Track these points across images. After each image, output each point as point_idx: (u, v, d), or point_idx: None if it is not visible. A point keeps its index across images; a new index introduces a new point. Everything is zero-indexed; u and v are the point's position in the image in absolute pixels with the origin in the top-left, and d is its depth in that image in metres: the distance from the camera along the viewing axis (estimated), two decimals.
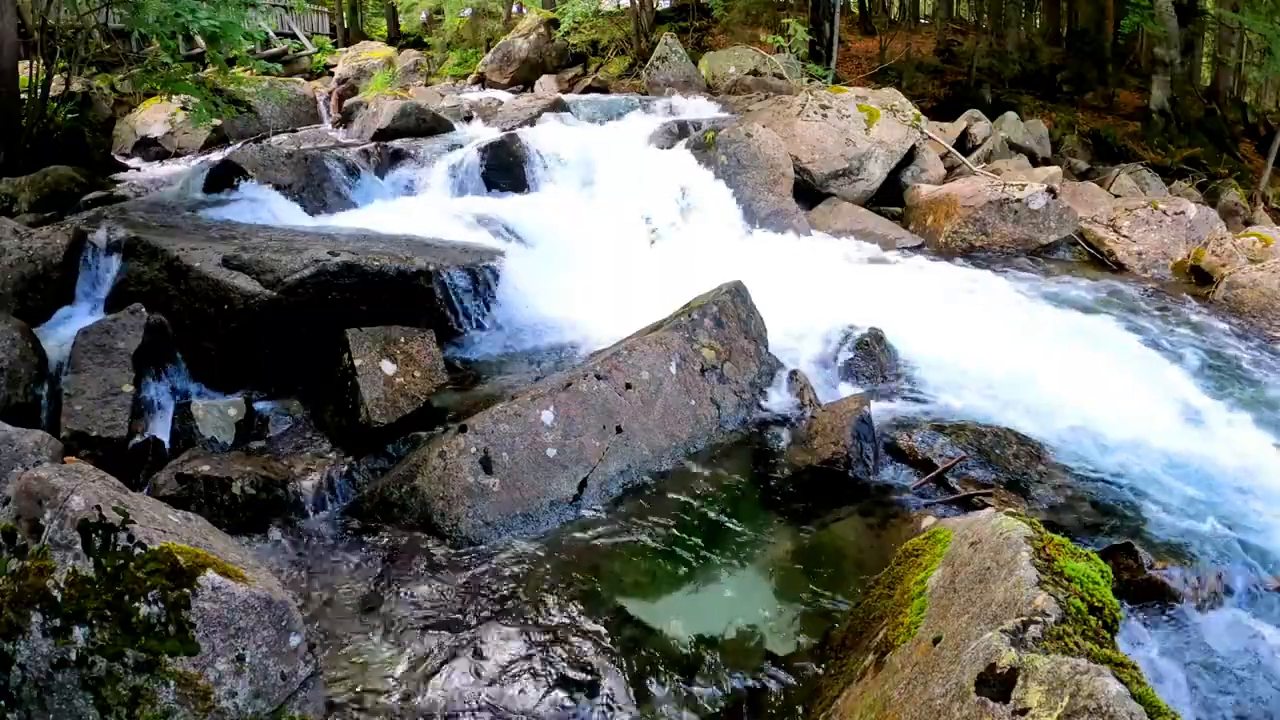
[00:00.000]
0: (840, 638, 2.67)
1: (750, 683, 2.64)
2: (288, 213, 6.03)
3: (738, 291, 4.55)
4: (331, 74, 15.36)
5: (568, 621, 2.86)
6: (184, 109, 9.68)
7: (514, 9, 18.18)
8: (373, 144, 7.69)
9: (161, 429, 3.91)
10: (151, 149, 10.12)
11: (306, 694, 2.26)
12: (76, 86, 8.11)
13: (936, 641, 2.08)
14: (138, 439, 3.78)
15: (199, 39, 8.54)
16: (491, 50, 14.90)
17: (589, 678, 2.63)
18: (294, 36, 17.81)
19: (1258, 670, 2.74)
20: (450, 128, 8.73)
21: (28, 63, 7.46)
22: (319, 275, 4.31)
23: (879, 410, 4.15)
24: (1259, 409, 4.69)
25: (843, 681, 2.39)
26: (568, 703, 2.54)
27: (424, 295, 4.58)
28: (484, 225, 5.94)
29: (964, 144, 10.31)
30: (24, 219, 5.44)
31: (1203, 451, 4.04)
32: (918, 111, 9.53)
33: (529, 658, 2.70)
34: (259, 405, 4.12)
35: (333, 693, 2.49)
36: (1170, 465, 3.91)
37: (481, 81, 14.36)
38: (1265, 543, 3.39)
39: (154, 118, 10.40)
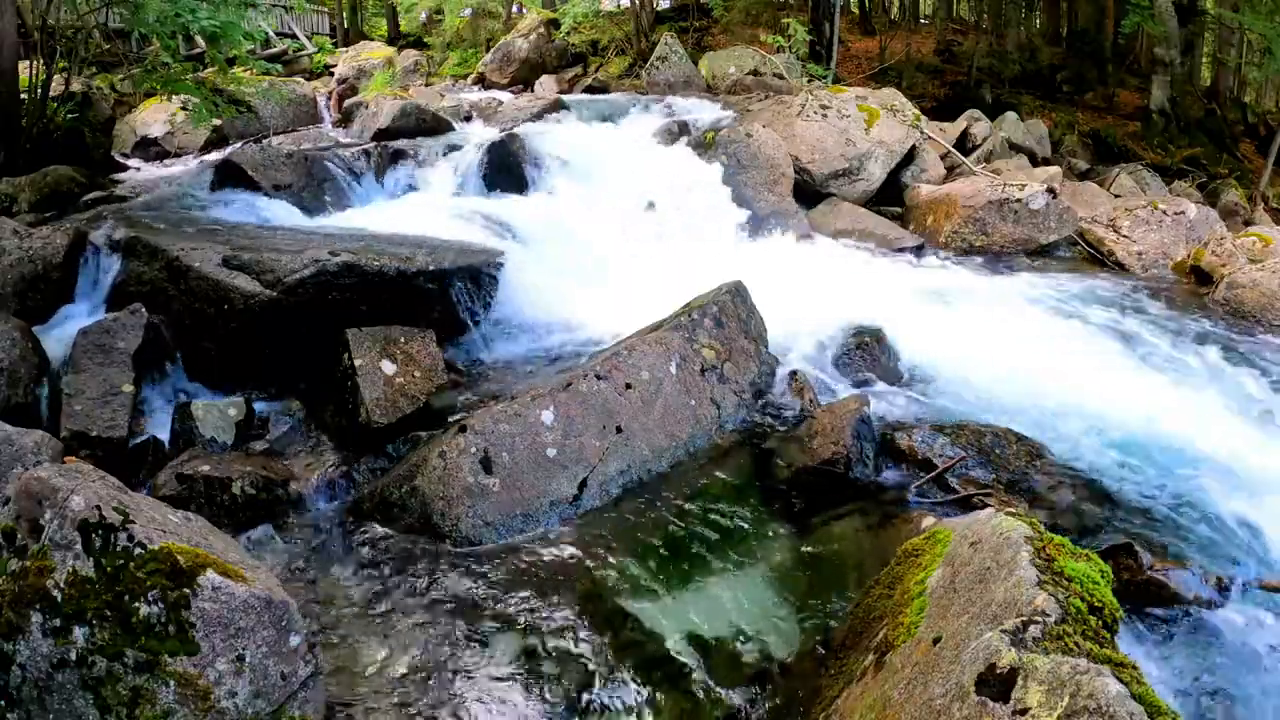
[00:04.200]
0: (840, 638, 2.67)
1: (750, 683, 2.64)
2: (288, 213, 6.03)
3: (738, 291, 4.55)
4: (331, 74, 15.36)
5: (567, 622, 2.86)
6: (184, 109, 9.67)
7: (514, 9, 18.18)
8: (373, 144, 7.68)
9: (161, 429, 3.91)
10: (151, 149, 10.10)
11: (306, 694, 2.26)
12: (76, 86, 8.10)
13: (936, 641, 2.08)
14: (138, 439, 3.78)
15: (199, 39, 8.53)
16: (491, 50, 14.90)
17: (589, 679, 2.63)
18: (294, 36, 17.81)
19: (1258, 670, 2.75)
20: (450, 128, 8.72)
21: (28, 63, 7.46)
22: (319, 275, 4.30)
23: (879, 410, 4.15)
24: (1259, 409, 4.69)
25: (843, 681, 2.39)
26: (567, 703, 2.54)
27: (424, 295, 4.58)
28: (484, 225, 5.94)
29: (964, 144, 10.31)
30: (24, 219, 5.43)
31: (1203, 451, 4.03)
32: (918, 111, 9.52)
33: (529, 658, 2.70)
34: (259, 405, 4.12)
35: (333, 693, 2.49)
36: (1171, 464, 3.91)
37: (481, 81, 14.37)
38: (1266, 542, 3.39)
39: (154, 118, 10.39)
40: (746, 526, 3.44)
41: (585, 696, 2.57)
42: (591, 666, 2.67)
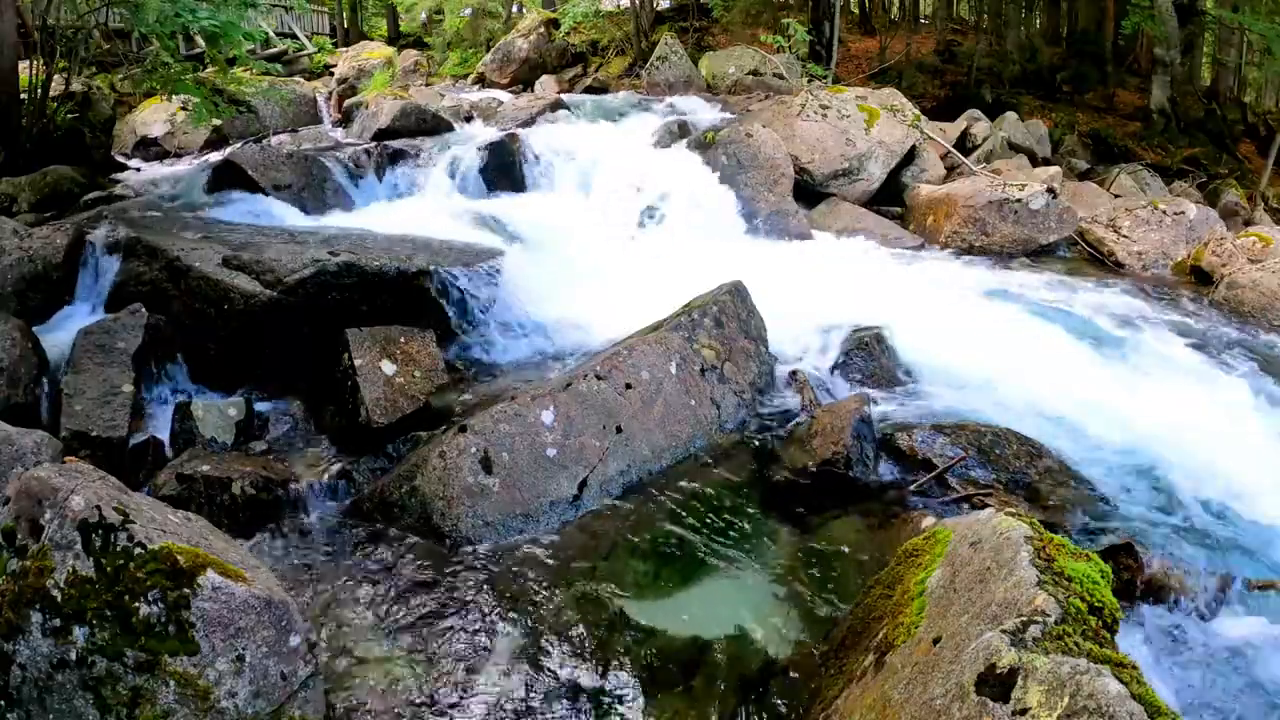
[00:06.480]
0: (840, 638, 2.67)
1: (750, 683, 2.64)
2: (288, 213, 6.04)
3: (738, 291, 4.55)
4: (331, 74, 15.36)
5: (568, 622, 2.86)
6: (184, 109, 9.68)
7: (514, 9, 18.20)
8: (373, 144, 7.68)
9: (161, 429, 3.91)
10: (151, 149, 10.12)
11: (306, 694, 2.26)
12: (76, 86, 8.11)
13: (936, 641, 2.08)
14: (138, 439, 3.78)
15: (199, 39, 8.54)
16: (491, 50, 14.91)
17: (589, 678, 2.63)
18: (294, 36, 17.82)
19: (1257, 670, 2.75)
20: (450, 128, 8.73)
21: (28, 63, 7.46)
22: (319, 275, 4.31)
23: (879, 410, 4.15)
24: (1260, 409, 4.68)
25: (843, 681, 2.39)
26: (567, 703, 2.54)
27: (424, 295, 4.58)
28: (484, 225, 5.94)
29: (964, 144, 10.31)
30: (24, 219, 5.44)
31: (1203, 451, 4.03)
32: (917, 111, 9.52)
33: (529, 658, 2.70)
34: (259, 405, 4.12)
35: (333, 693, 2.49)
36: (1171, 464, 3.91)
37: (481, 81, 14.37)
38: (1266, 543, 3.39)
39: (154, 118, 10.40)
40: (746, 526, 3.44)
41: (585, 696, 2.57)
42: (591, 667, 2.67)
